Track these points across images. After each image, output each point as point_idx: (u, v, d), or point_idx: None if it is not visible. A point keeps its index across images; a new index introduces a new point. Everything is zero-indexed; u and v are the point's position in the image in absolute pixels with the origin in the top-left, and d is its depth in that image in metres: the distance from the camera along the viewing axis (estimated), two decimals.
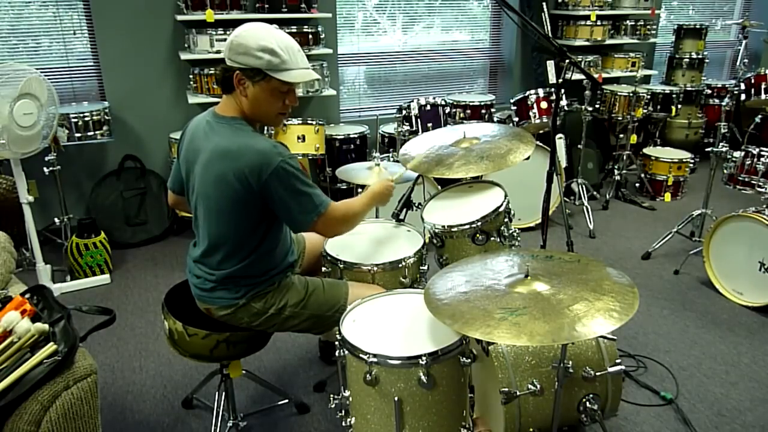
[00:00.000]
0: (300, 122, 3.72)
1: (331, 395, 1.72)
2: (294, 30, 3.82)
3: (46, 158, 3.24)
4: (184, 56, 3.75)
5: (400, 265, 2.06)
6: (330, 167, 3.98)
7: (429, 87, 4.98)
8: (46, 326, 1.66)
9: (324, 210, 1.75)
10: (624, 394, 2.26)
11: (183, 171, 1.87)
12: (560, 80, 2.39)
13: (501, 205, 2.12)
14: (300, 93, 3.89)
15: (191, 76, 3.80)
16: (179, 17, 3.69)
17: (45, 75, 2.92)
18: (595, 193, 4.56)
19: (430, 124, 3.82)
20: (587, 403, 1.96)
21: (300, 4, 3.87)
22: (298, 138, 3.67)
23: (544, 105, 4.00)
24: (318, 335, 2.52)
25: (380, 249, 2.19)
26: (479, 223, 2.08)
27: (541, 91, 4.02)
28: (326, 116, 4.38)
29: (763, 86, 4.49)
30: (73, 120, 3.47)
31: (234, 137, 1.71)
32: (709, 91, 5.32)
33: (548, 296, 1.50)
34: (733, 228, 3.04)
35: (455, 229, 2.10)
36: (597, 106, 4.68)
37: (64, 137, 3.43)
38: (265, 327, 1.88)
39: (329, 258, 2.10)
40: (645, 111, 4.58)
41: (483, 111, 4.28)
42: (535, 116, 4.01)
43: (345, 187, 4.05)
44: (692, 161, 4.52)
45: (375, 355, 1.52)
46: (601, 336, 1.89)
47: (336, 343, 1.65)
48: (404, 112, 3.93)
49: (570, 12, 4.75)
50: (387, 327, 1.70)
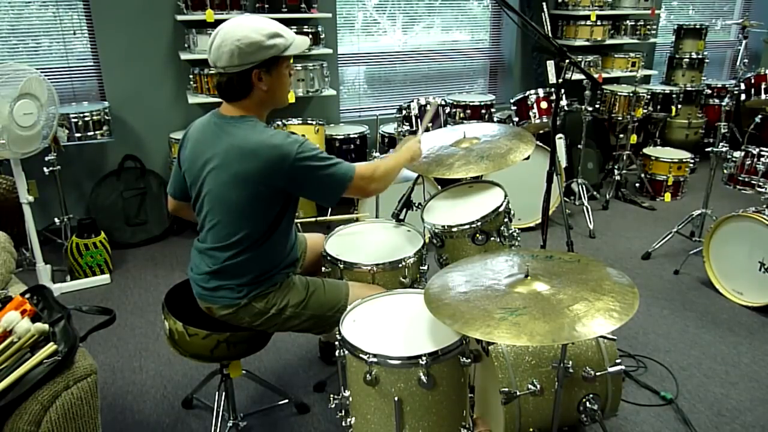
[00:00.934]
0: (300, 122, 3.71)
1: (331, 395, 1.72)
2: (294, 30, 3.80)
3: (46, 158, 3.24)
4: (184, 56, 3.75)
5: (400, 265, 2.06)
6: None
7: (429, 87, 4.98)
8: (46, 326, 1.66)
9: (353, 174, 1.78)
10: (624, 394, 2.26)
11: (187, 176, 1.84)
12: (560, 80, 2.39)
13: (501, 205, 2.12)
14: (300, 93, 3.90)
15: (191, 76, 3.81)
16: (179, 17, 3.69)
17: (45, 75, 2.92)
18: (595, 193, 4.55)
19: (431, 124, 3.82)
20: (587, 403, 1.96)
21: (300, 4, 3.87)
22: None
23: (544, 105, 4.00)
24: (318, 335, 2.53)
25: (380, 249, 2.19)
26: (479, 223, 2.08)
27: (541, 91, 4.02)
28: (326, 116, 4.38)
29: (763, 86, 4.49)
30: (73, 120, 3.47)
31: (248, 136, 1.70)
32: (709, 91, 5.32)
33: (548, 296, 1.50)
34: (733, 228, 3.04)
35: (455, 229, 2.10)
36: (597, 106, 4.68)
37: (64, 137, 3.43)
38: (266, 327, 1.88)
39: (329, 258, 2.10)
40: (645, 111, 4.58)
41: (483, 111, 4.29)
42: (535, 116, 4.01)
43: None
44: (692, 161, 4.52)
45: (375, 355, 1.52)
46: (601, 336, 1.89)
47: (336, 343, 1.65)
48: (404, 112, 3.93)
49: (570, 12, 4.75)
50: (387, 327, 1.70)
